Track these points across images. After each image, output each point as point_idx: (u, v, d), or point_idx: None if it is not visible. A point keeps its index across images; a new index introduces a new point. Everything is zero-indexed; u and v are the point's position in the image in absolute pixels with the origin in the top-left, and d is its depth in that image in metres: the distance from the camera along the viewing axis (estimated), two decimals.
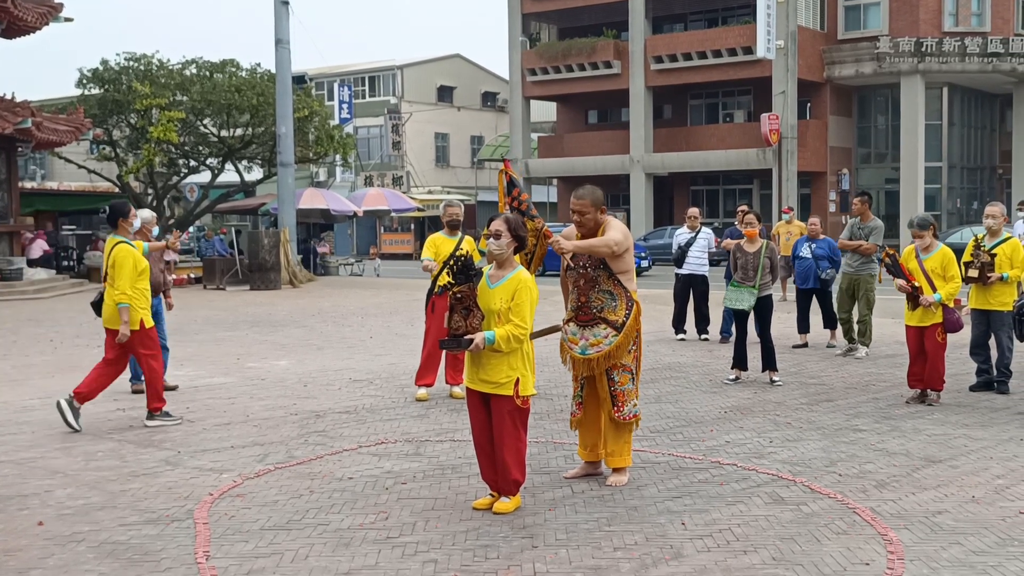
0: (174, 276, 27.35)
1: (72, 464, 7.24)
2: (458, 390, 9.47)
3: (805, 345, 13.00)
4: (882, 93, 42.69)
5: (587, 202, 6.46)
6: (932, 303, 9.01)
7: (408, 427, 8.38)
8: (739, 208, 11.27)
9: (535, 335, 6.52)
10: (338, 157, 37.18)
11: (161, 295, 10.56)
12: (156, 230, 10.59)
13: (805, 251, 13.19)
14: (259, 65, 33.77)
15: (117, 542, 5.47)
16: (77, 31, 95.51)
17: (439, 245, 9.66)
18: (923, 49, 39.09)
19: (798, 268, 13.38)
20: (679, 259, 14.30)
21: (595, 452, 6.71)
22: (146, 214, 10.53)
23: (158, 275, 10.42)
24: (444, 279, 7.94)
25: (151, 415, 8.69)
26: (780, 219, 19.83)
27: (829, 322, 13.20)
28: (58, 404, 8.41)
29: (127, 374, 10.49)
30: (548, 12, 46.65)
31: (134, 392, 10.16)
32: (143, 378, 10.30)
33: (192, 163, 34.61)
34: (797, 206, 32.24)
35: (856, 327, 12.37)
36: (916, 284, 9.10)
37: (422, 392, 9.69)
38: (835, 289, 12.83)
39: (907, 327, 9.39)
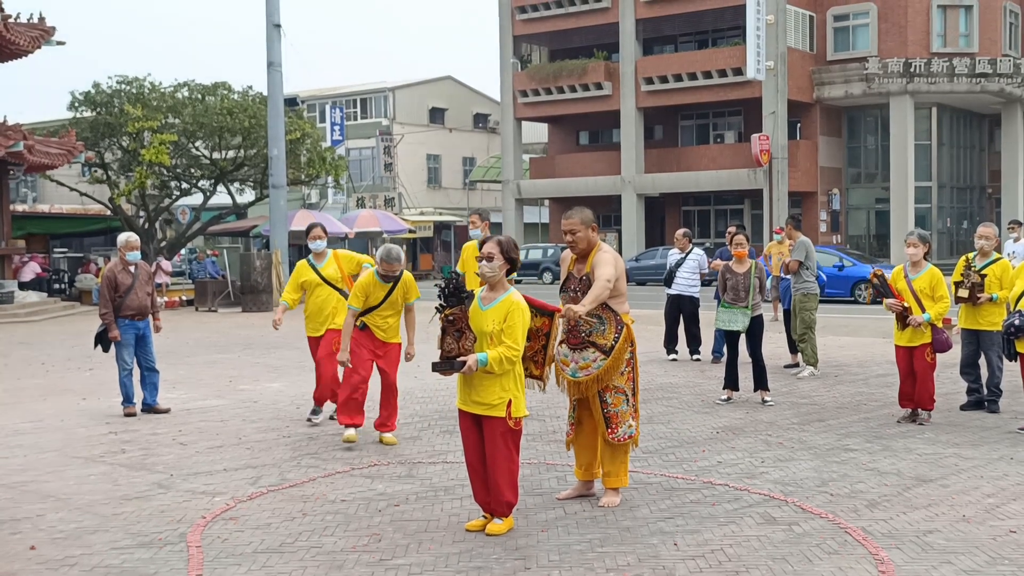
0: (165, 299, 27.38)
1: (64, 488, 7.23)
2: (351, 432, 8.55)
3: (796, 365, 13.03)
4: (871, 113, 42.94)
5: (576, 221, 6.51)
6: (921, 323, 9.05)
7: (401, 449, 8.38)
8: (729, 229, 11.37)
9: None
10: (330, 179, 37.22)
11: (149, 318, 10.59)
12: (136, 254, 10.55)
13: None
14: (251, 87, 33.84)
15: (110, 566, 5.46)
16: (69, 54, 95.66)
17: (369, 291, 8.36)
18: (912, 70, 39.36)
19: (780, 289, 13.47)
20: (668, 279, 14.39)
21: (590, 472, 6.74)
22: (120, 237, 10.61)
23: (144, 298, 10.45)
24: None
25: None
26: (772, 239, 19.87)
27: (791, 343, 13.29)
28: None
29: (119, 397, 10.49)
30: (539, 34, 46.88)
31: (126, 416, 10.16)
32: (134, 402, 10.35)
33: (184, 185, 34.61)
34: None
35: (799, 347, 12.57)
36: (905, 304, 9.15)
37: (350, 433, 8.55)
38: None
39: (896, 347, 9.43)
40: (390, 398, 8.68)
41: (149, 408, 10.38)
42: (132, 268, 10.42)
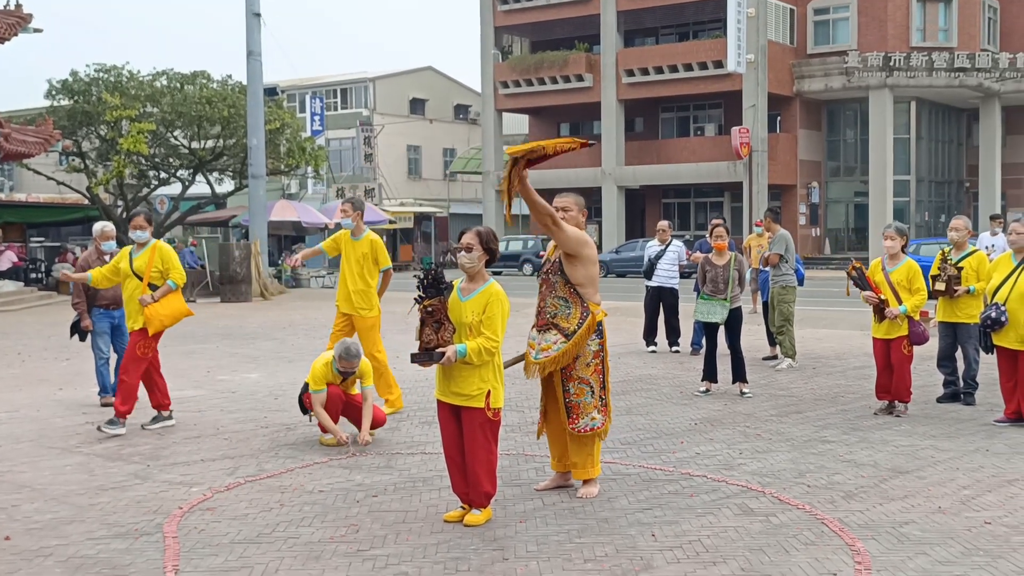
0: None
1: (40, 478, 7.18)
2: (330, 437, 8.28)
3: (775, 357, 13.08)
4: (851, 107, 43.11)
5: (571, 200, 6.57)
6: (897, 315, 9.10)
7: (379, 440, 8.36)
8: (714, 221, 11.39)
9: (506, 365, 6.51)
10: (310, 169, 37.12)
11: (124, 308, 10.52)
12: (111, 244, 10.44)
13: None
14: (230, 77, 33.71)
15: (85, 556, 5.43)
16: (47, 42, 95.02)
17: (329, 378, 8.13)
18: (891, 64, 39.52)
19: (760, 280, 13.54)
20: (648, 271, 14.42)
21: (563, 462, 6.73)
22: (96, 226, 10.54)
23: (119, 289, 10.37)
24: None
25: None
26: (752, 232, 19.94)
27: (770, 336, 13.33)
28: None
29: (95, 387, 10.43)
30: (520, 25, 46.84)
31: (103, 405, 10.10)
32: (111, 392, 10.28)
33: (162, 175, 34.46)
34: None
35: (777, 339, 12.62)
36: (882, 296, 9.19)
37: (329, 437, 8.24)
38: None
39: (874, 339, 9.48)
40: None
41: None
42: (107, 258, 10.34)
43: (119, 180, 32.02)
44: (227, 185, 36.29)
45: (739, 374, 10.52)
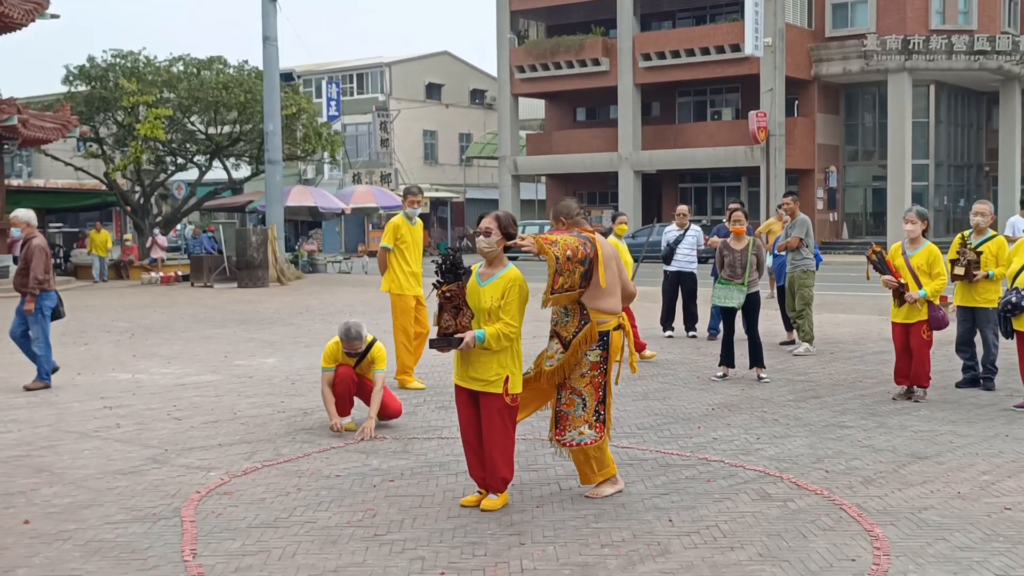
0: (160, 273, 27.28)
1: (58, 462, 7.21)
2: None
3: (792, 342, 13.03)
4: (869, 91, 42.82)
5: (552, 218, 6.50)
6: (917, 300, 9.05)
7: (396, 424, 8.37)
8: (732, 206, 11.33)
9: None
10: (326, 154, 37.13)
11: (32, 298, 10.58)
12: (14, 231, 10.65)
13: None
14: (247, 62, 33.71)
15: (104, 540, 5.46)
16: (63, 28, 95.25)
17: (338, 357, 8.13)
18: (910, 47, 39.22)
19: (776, 265, 13.48)
20: (667, 256, 14.36)
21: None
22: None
23: (15, 276, 10.51)
24: None
25: None
26: (772, 216, 19.81)
27: (786, 320, 13.27)
28: None
29: (114, 372, 10.46)
30: (536, 9, 46.66)
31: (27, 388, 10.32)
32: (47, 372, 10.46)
33: (179, 160, 34.53)
34: None
35: (796, 323, 12.54)
36: (902, 281, 9.13)
37: (346, 421, 8.23)
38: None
39: (893, 324, 9.43)
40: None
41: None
42: (18, 246, 10.61)
43: (136, 166, 32.11)
44: (244, 171, 36.35)
45: (756, 359, 10.48)
